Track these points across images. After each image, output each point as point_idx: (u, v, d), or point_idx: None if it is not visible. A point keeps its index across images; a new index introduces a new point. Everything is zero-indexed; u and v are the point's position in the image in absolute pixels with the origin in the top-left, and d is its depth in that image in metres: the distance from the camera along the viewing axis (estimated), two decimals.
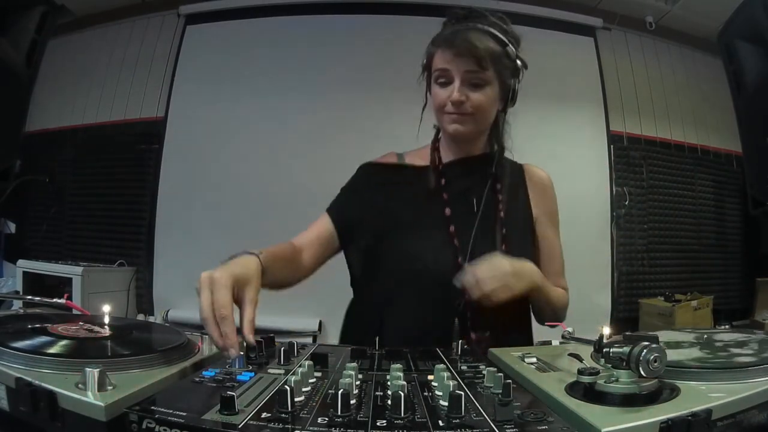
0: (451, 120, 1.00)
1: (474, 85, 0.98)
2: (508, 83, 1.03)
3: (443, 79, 0.99)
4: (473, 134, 1.04)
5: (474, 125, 1.01)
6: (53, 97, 3.12)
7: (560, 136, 2.96)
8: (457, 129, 1.00)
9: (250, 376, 0.58)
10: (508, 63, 1.01)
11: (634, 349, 0.49)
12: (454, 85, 0.97)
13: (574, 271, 3.12)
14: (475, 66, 0.96)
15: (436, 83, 1.00)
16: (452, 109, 0.99)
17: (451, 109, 0.99)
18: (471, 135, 1.03)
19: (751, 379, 0.53)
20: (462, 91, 0.97)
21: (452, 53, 0.96)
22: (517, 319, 1.06)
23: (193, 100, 2.93)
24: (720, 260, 3.16)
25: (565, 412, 0.48)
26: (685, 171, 3.13)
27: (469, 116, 0.99)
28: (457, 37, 0.96)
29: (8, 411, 0.51)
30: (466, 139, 1.04)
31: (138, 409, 0.45)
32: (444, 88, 0.99)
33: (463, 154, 1.08)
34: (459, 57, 0.96)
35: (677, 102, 3.15)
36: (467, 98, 0.97)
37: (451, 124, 1.00)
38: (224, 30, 2.98)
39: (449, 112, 0.99)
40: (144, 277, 2.89)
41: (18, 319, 0.77)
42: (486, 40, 0.97)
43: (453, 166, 1.08)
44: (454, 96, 0.97)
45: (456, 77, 0.97)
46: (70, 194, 3.12)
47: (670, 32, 3.17)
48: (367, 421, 0.44)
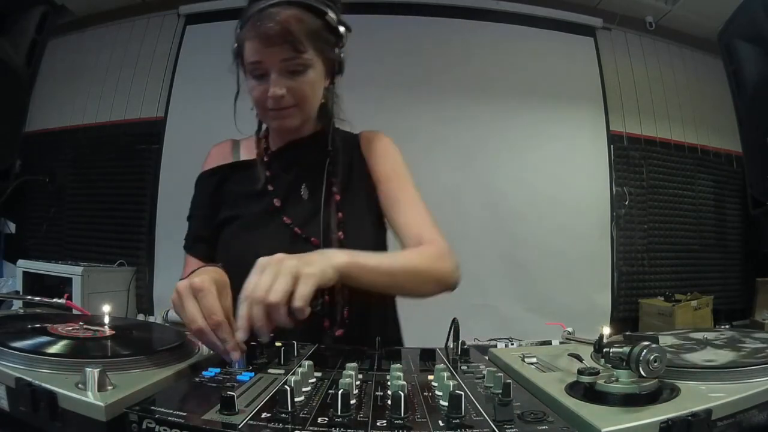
0: (275, 116, 0.91)
1: (293, 72, 0.87)
2: (333, 57, 0.92)
3: (258, 71, 0.88)
4: (300, 125, 0.95)
5: (300, 116, 0.92)
6: (53, 97, 3.13)
7: (560, 136, 2.96)
8: (282, 124, 0.92)
9: (250, 376, 0.58)
10: (330, 36, 0.90)
11: (634, 349, 0.49)
12: (271, 79, 0.86)
13: (575, 271, 3.14)
14: (291, 52, 0.84)
15: (251, 76, 0.89)
16: (273, 104, 0.88)
17: (272, 105, 0.88)
18: (298, 126, 0.95)
19: (751, 379, 0.53)
20: (280, 84, 0.86)
21: (261, 43, 0.84)
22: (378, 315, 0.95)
23: (193, 100, 2.93)
24: (720, 260, 3.16)
25: (565, 412, 0.48)
26: (685, 171, 3.14)
27: (293, 108, 0.90)
28: (264, 21, 0.83)
29: (8, 411, 0.51)
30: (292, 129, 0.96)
31: (138, 409, 0.45)
32: (260, 82, 0.88)
33: (289, 138, 0.99)
34: (270, 46, 0.84)
35: (677, 102, 3.15)
36: (287, 89, 0.87)
37: (275, 120, 0.92)
38: (224, 30, 2.97)
39: (271, 108, 0.89)
40: (144, 277, 2.89)
41: (18, 319, 0.77)
42: (300, 15, 0.84)
43: (280, 154, 1.00)
44: (272, 91, 0.86)
45: (271, 69, 0.86)
46: (70, 194, 3.12)
47: (670, 32, 3.18)
48: (367, 421, 0.44)
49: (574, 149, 2.98)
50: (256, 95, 0.90)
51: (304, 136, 1.00)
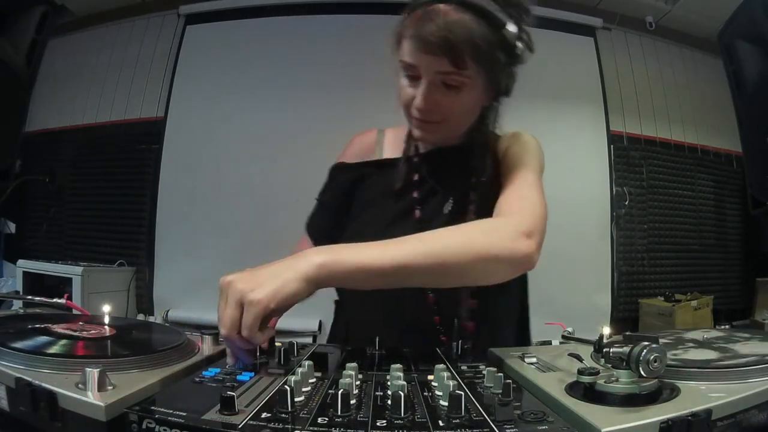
0: (416, 125, 0.83)
1: (448, 87, 0.77)
2: (498, 77, 0.80)
3: (410, 72, 0.79)
4: (444, 140, 0.88)
5: (444, 133, 0.84)
6: (53, 97, 3.13)
7: (560, 136, 2.95)
8: (421, 136, 0.85)
9: (250, 376, 0.58)
10: (501, 55, 0.76)
11: (634, 349, 0.49)
12: (420, 89, 0.78)
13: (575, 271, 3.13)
14: (450, 66, 0.74)
15: (403, 74, 0.81)
16: (416, 114, 0.81)
17: (416, 114, 0.81)
18: (441, 141, 0.88)
19: (751, 379, 0.53)
20: (429, 96, 0.77)
21: (418, 47, 0.74)
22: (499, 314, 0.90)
23: (193, 100, 2.94)
24: (720, 260, 3.16)
25: (565, 412, 0.48)
26: (685, 171, 3.13)
27: (438, 124, 0.81)
28: (428, 23, 0.72)
29: (8, 411, 0.51)
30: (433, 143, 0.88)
31: (138, 409, 0.45)
32: (411, 84, 0.80)
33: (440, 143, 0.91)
34: (427, 54, 0.74)
35: (677, 102, 3.15)
36: (436, 105, 0.79)
37: (416, 129, 0.84)
38: (224, 30, 2.98)
39: (414, 117, 0.82)
40: (144, 277, 2.89)
41: (18, 319, 0.77)
42: (470, 24, 0.71)
43: (429, 158, 0.91)
44: (418, 102, 0.78)
45: (424, 77, 0.77)
46: (70, 194, 3.12)
47: (670, 32, 3.17)
48: (367, 421, 0.44)
49: (574, 149, 2.98)
50: (404, 97, 0.82)
51: (454, 145, 0.90)
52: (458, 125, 0.85)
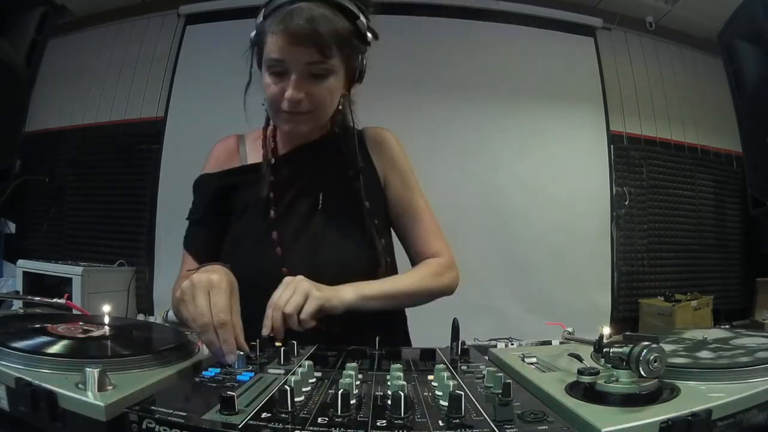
0: (287, 119, 0.86)
1: (315, 77, 0.82)
2: (355, 65, 0.87)
3: (277, 68, 0.82)
4: (312, 130, 0.91)
5: (314, 122, 0.88)
6: (53, 97, 3.12)
7: (560, 136, 2.96)
8: (293, 129, 0.88)
9: (250, 376, 0.58)
10: (358, 43, 0.84)
11: (634, 349, 0.49)
12: (290, 80, 0.81)
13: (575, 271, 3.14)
14: (317, 56, 0.79)
15: (269, 72, 0.83)
16: (287, 107, 0.83)
17: (286, 107, 0.83)
18: (310, 132, 0.91)
19: (751, 379, 0.53)
20: (299, 87, 0.81)
21: (287, 41, 0.78)
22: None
23: (193, 100, 2.93)
24: (720, 260, 3.16)
25: (565, 412, 0.48)
26: (685, 171, 3.13)
27: (308, 114, 0.85)
28: (294, 18, 0.76)
29: (8, 411, 0.51)
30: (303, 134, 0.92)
31: (138, 409, 0.45)
32: (277, 79, 0.82)
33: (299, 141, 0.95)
34: (297, 46, 0.78)
35: (677, 102, 3.15)
36: (306, 94, 0.82)
37: (287, 124, 0.87)
38: (224, 30, 2.98)
39: (285, 110, 0.84)
40: (144, 277, 2.89)
41: (18, 319, 0.77)
42: (331, 17, 0.78)
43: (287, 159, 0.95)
44: (290, 94, 0.81)
45: (293, 71, 0.80)
46: (70, 194, 3.12)
47: (670, 32, 3.18)
48: (367, 421, 0.44)
49: (574, 149, 2.98)
50: (271, 94, 0.85)
51: (314, 140, 0.96)
52: (324, 114, 0.89)
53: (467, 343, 0.75)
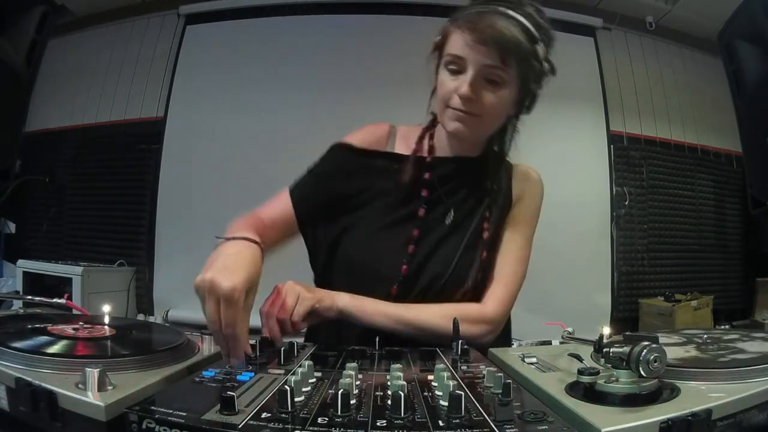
0: (454, 117, 0.85)
1: (490, 82, 0.83)
2: (528, 87, 0.89)
3: (455, 66, 0.84)
4: (474, 137, 0.91)
5: (478, 128, 0.88)
6: (53, 97, 3.13)
7: (560, 136, 2.95)
8: (457, 128, 0.86)
9: (250, 376, 0.58)
10: (535, 64, 0.85)
11: (634, 349, 0.49)
12: (466, 77, 0.82)
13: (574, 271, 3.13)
14: (497, 60, 0.81)
15: (446, 69, 0.85)
16: (458, 104, 0.84)
17: (457, 104, 0.84)
18: (472, 138, 0.91)
19: (751, 379, 0.53)
20: (474, 87, 0.82)
21: (472, 39, 0.80)
22: None
23: (193, 99, 2.94)
24: (720, 260, 3.16)
25: (565, 412, 0.48)
26: (685, 171, 3.13)
27: (476, 117, 0.85)
28: (483, 21, 0.80)
29: (8, 411, 0.51)
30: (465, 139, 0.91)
31: (138, 409, 0.45)
32: (454, 77, 0.84)
33: (458, 152, 0.94)
34: (479, 45, 0.80)
35: (677, 102, 3.15)
36: (478, 96, 0.83)
37: (453, 122, 0.86)
38: (224, 30, 2.98)
39: (454, 107, 0.85)
40: (144, 277, 2.89)
41: (18, 319, 0.77)
42: (516, 31, 0.80)
43: (443, 163, 0.94)
44: (463, 90, 0.82)
45: (470, 68, 0.82)
46: (70, 194, 3.12)
47: (670, 32, 3.18)
48: (367, 421, 0.44)
49: (574, 149, 2.98)
50: (445, 89, 0.86)
51: (472, 156, 0.95)
52: (490, 123, 0.89)
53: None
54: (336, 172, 0.95)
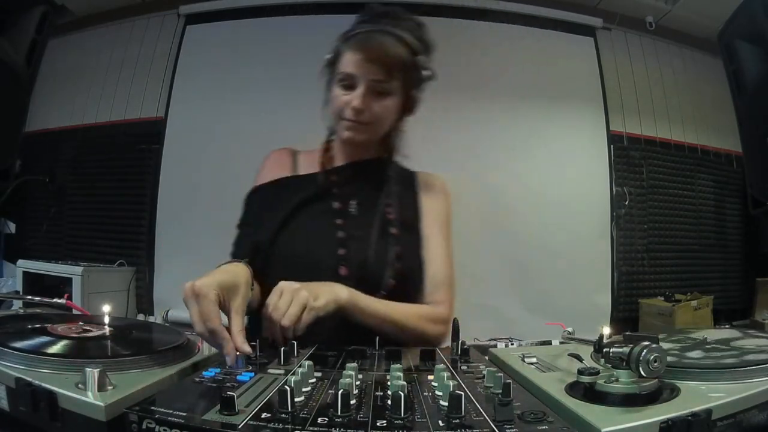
0: (348, 126, 0.98)
1: (377, 94, 0.96)
2: (412, 94, 1.01)
3: (347, 82, 0.96)
4: (367, 143, 1.03)
5: (369, 134, 1.00)
6: (53, 97, 3.12)
7: (560, 136, 2.96)
8: (351, 137, 0.99)
9: (250, 376, 0.58)
10: (416, 74, 0.99)
11: (634, 349, 0.49)
12: (358, 92, 0.94)
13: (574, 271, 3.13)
14: (383, 75, 0.94)
15: (339, 85, 0.97)
16: (351, 115, 0.96)
17: (349, 115, 0.96)
18: (364, 143, 1.03)
19: (751, 379, 0.53)
20: (364, 100, 0.94)
21: (362, 57, 0.93)
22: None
23: (193, 100, 2.93)
24: (720, 260, 3.16)
25: (565, 412, 0.48)
26: (685, 171, 3.13)
27: (367, 125, 0.97)
28: (370, 41, 0.93)
29: (8, 411, 0.51)
30: (358, 146, 1.03)
31: (138, 409, 0.45)
32: (346, 92, 0.96)
33: (355, 158, 1.07)
34: (368, 63, 0.93)
35: (677, 102, 3.15)
36: (368, 107, 0.95)
37: (346, 131, 0.98)
38: (224, 30, 2.98)
39: (347, 119, 0.97)
40: (144, 277, 2.89)
41: (18, 319, 0.78)
42: (399, 47, 0.94)
43: (343, 169, 1.06)
44: (355, 103, 0.94)
45: (361, 84, 0.94)
46: (70, 194, 3.12)
47: (670, 32, 3.17)
48: (367, 421, 0.44)
49: (574, 149, 2.98)
50: (338, 103, 0.97)
51: (365, 159, 1.07)
52: (380, 129, 1.01)
53: (467, 343, 0.75)
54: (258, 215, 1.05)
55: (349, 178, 1.05)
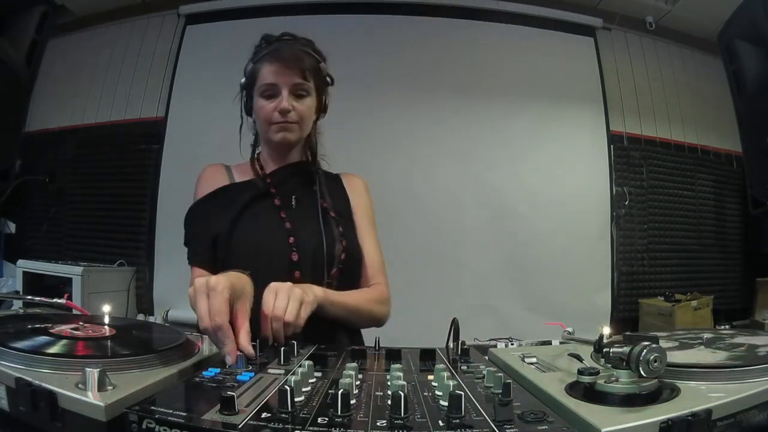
0: (279, 129, 1.08)
1: (298, 96, 1.07)
2: (323, 96, 1.14)
3: (270, 92, 1.07)
4: (298, 141, 1.13)
5: (299, 132, 1.11)
6: (53, 97, 3.12)
7: (560, 136, 2.96)
8: (284, 137, 1.08)
9: (250, 376, 0.58)
10: (324, 77, 1.13)
11: (634, 349, 0.49)
12: (282, 96, 1.05)
13: (575, 271, 3.14)
14: (300, 78, 1.06)
15: (262, 97, 1.08)
16: (279, 118, 1.06)
17: (278, 118, 1.06)
18: (296, 142, 1.12)
19: (751, 379, 0.53)
20: (289, 101, 1.06)
21: (280, 66, 1.05)
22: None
23: (193, 99, 2.93)
24: (720, 260, 3.16)
25: (565, 412, 0.48)
26: (685, 171, 3.13)
27: (295, 124, 1.08)
28: (284, 52, 1.06)
29: (8, 411, 0.51)
30: (291, 146, 1.13)
31: (138, 409, 0.45)
32: (270, 101, 1.07)
33: (282, 162, 1.16)
34: (286, 69, 1.05)
35: (677, 102, 3.15)
36: (293, 107, 1.06)
37: (278, 133, 1.08)
38: (224, 30, 2.98)
39: (277, 122, 1.07)
40: (144, 277, 2.89)
41: (18, 319, 0.77)
42: (305, 55, 1.08)
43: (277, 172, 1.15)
44: (283, 105, 1.05)
45: (283, 89, 1.06)
46: (70, 194, 3.12)
47: (670, 32, 3.17)
48: (367, 421, 0.44)
49: (574, 149, 2.98)
50: (265, 112, 1.08)
51: (294, 162, 1.17)
52: (306, 126, 1.12)
53: (467, 343, 0.75)
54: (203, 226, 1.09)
55: (284, 179, 1.14)
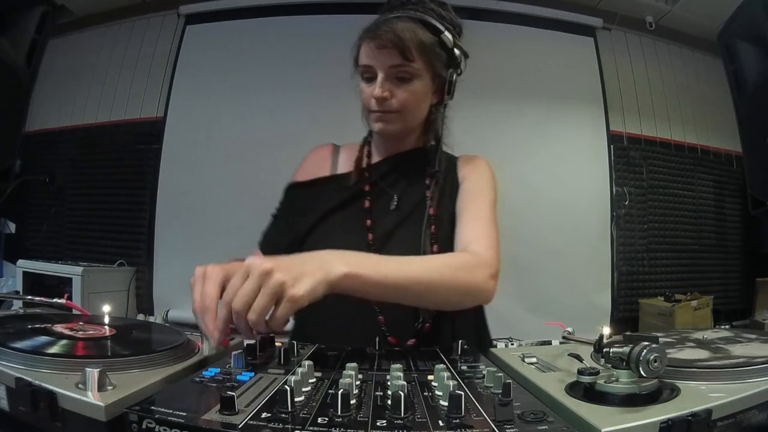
0: (376, 118, 0.95)
1: (400, 80, 0.92)
2: (443, 75, 0.96)
3: (368, 74, 0.94)
4: (401, 132, 0.98)
5: (401, 123, 0.95)
6: (53, 97, 3.12)
7: (560, 136, 2.96)
8: (382, 128, 0.95)
9: (250, 376, 0.58)
10: (441, 53, 0.93)
11: (634, 349, 0.49)
12: (378, 81, 0.91)
13: (575, 271, 3.13)
14: (400, 59, 0.89)
15: (362, 79, 0.95)
16: (376, 106, 0.93)
17: (375, 106, 0.93)
18: (398, 133, 0.98)
19: (751, 379, 0.53)
20: (385, 87, 0.91)
21: (375, 45, 0.90)
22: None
23: (192, 99, 2.93)
24: (720, 260, 3.16)
25: (565, 412, 0.48)
26: (685, 171, 3.13)
27: (395, 114, 0.93)
28: (381, 28, 0.89)
29: (8, 411, 0.51)
30: (393, 137, 0.99)
31: (138, 409, 0.45)
32: (369, 84, 0.94)
33: (393, 150, 1.03)
34: (381, 49, 0.89)
35: (677, 102, 3.15)
36: (391, 94, 0.92)
37: (376, 123, 0.95)
38: (224, 30, 2.98)
39: (373, 110, 0.94)
40: (144, 277, 2.89)
41: (18, 319, 0.77)
42: (414, 28, 0.89)
43: (379, 166, 1.03)
44: (376, 92, 0.91)
45: (379, 72, 0.91)
46: (70, 194, 3.12)
47: (670, 32, 3.17)
48: (367, 421, 0.44)
49: (574, 149, 2.98)
50: (363, 97, 0.95)
51: (405, 150, 1.02)
52: (411, 116, 0.96)
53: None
54: (291, 211, 1.03)
55: (386, 173, 1.01)
